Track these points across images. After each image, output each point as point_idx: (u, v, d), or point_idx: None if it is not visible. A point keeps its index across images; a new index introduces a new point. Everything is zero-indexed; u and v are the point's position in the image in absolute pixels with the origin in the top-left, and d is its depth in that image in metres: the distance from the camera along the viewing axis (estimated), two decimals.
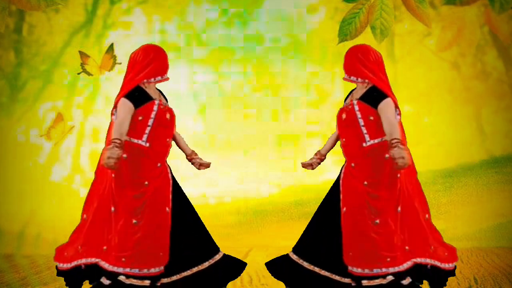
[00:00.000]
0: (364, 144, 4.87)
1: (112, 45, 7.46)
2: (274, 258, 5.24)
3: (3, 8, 6.60)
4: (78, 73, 7.47)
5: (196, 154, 5.27)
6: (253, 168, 8.21)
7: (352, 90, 5.13)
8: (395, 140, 4.74)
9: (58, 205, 8.07)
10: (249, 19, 8.26)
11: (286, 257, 5.16)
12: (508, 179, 8.16)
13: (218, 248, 5.19)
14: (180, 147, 5.30)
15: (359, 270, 4.86)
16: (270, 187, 8.27)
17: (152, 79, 5.02)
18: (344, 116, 4.96)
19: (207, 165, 5.27)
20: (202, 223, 5.17)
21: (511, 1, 6.87)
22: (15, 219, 7.97)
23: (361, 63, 4.91)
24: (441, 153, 8.26)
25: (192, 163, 5.29)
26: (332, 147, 5.28)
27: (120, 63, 7.53)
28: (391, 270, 4.86)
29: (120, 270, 4.92)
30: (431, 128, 8.32)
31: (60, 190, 8.13)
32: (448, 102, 8.31)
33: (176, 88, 7.97)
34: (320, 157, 5.25)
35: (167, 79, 5.09)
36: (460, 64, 8.28)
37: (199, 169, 5.27)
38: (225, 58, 8.28)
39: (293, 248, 5.16)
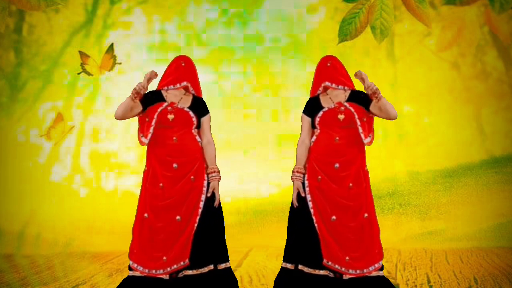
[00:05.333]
0: (361, 144, 5.17)
1: (112, 45, 7.47)
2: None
3: (3, 8, 6.61)
4: (78, 73, 7.48)
5: (214, 172, 5.30)
6: (253, 168, 8.21)
7: (314, 97, 5.30)
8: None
9: (58, 205, 8.07)
10: (249, 19, 8.26)
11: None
12: (508, 179, 8.17)
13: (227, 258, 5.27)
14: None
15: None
16: (270, 187, 8.26)
17: (165, 88, 5.28)
18: (342, 116, 5.09)
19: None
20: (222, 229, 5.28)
21: (511, 1, 6.88)
22: (15, 219, 7.97)
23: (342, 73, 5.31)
24: (441, 153, 8.26)
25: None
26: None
27: (120, 63, 7.54)
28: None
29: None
30: (431, 128, 8.32)
31: (60, 190, 8.13)
32: (448, 102, 8.31)
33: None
34: (302, 174, 5.31)
35: (180, 88, 5.28)
36: (460, 64, 8.28)
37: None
38: (225, 58, 8.28)
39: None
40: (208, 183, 5.22)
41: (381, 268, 5.15)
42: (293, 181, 5.25)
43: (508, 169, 8.19)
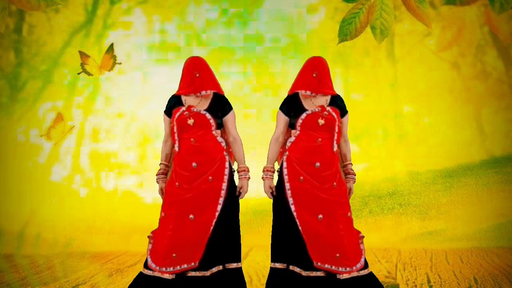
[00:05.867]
0: (334, 149, 5.14)
1: (112, 45, 7.46)
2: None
3: (3, 8, 6.60)
4: (78, 73, 7.47)
5: (243, 171, 5.33)
6: (253, 168, 8.19)
7: (293, 95, 5.24)
8: (352, 170, 5.21)
9: (58, 205, 8.07)
10: (249, 19, 8.26)
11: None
12: (508, 179, 8.17)
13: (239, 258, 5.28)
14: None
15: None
16: None
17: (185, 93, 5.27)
18: (322, 122, 5.10)
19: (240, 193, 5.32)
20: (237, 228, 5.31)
21: (511, 1, 6.88)
22: (15, 219, 7.98)
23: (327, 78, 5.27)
24: (441, 153, 8.26)
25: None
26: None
27: (120, 63, 7.53)
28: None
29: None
30: (431, 128, 8.32)
31: (60, 190, 8.13)
32: (448, 102, 8.31)
33: (176, 88, 7.96)
34: (273, 173, 5.32)
35: (204, 95, 5.26)
36: (460, 64, 8.29)
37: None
38: (225, 58, 8.28)
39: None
40: (229, 185, 5.20)
41: (366, 265, 5.12)
42: (264, 179, 5.25)
43: (508, 169, 8.20)
